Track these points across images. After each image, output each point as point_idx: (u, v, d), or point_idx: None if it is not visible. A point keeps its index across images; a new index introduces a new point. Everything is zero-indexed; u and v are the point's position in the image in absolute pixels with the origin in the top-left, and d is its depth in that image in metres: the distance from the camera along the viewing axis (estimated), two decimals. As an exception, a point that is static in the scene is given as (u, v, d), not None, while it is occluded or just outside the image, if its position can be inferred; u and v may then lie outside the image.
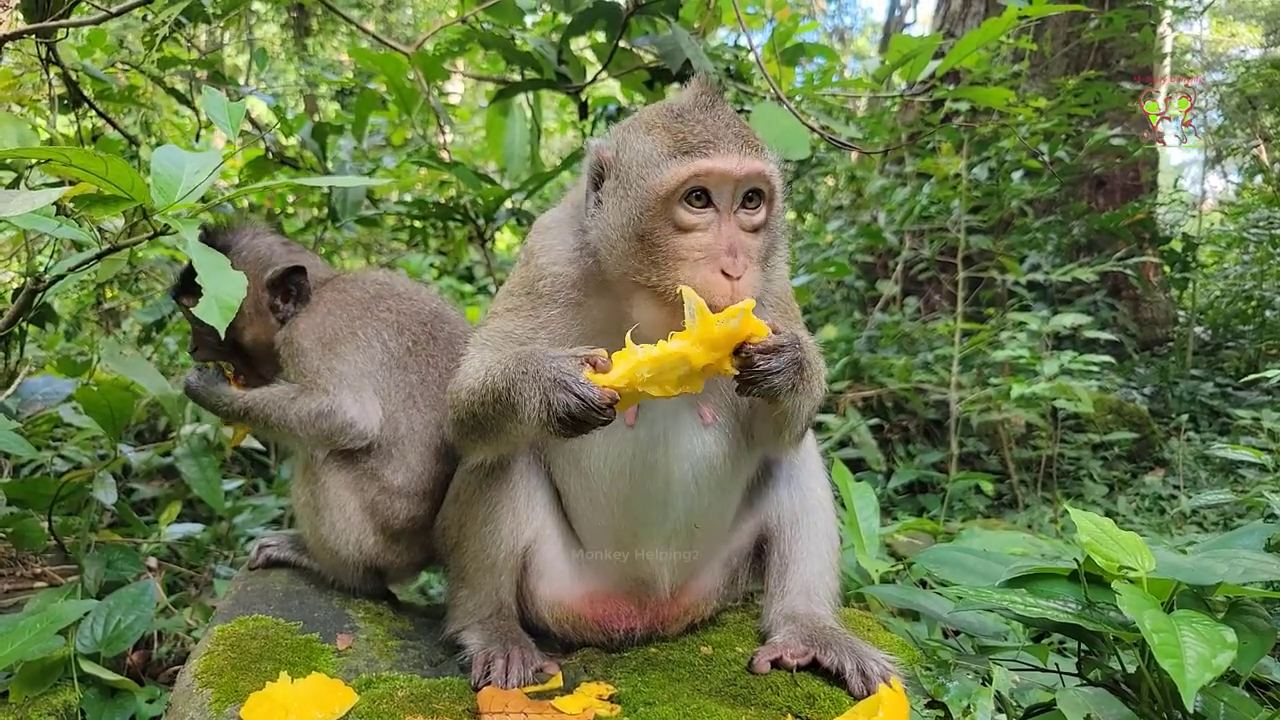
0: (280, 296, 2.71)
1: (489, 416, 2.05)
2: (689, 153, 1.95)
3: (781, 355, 1.88)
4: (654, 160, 1.98)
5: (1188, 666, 1.62)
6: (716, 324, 1.80)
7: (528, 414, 1.88)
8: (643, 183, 1.99)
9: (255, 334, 2.74)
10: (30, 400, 3.45)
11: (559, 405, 1.82)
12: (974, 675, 2.15)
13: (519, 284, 2.29)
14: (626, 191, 2.03)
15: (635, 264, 2.00)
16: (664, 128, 2.02)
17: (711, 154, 1.94)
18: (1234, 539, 2.43)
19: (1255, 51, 12.28)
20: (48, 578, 3.39)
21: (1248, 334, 9.21)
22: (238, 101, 2.26)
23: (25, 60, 3.90)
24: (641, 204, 1.98)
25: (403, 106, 4.65)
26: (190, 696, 2.05)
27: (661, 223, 1.97)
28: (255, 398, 2.62)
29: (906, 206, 7.45)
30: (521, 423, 1.94)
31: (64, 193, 2.03)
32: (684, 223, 1.96)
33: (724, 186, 1.96)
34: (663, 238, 1.97)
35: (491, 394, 2.01)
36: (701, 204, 1.97)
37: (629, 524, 2.27)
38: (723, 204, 1.97)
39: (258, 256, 2.74)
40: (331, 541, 2.57)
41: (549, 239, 2.29)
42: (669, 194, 1.94)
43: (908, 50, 3.64)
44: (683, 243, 1.96)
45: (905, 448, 7.05)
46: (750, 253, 1.98)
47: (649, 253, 1.98)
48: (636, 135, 2.06)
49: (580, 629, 2.39)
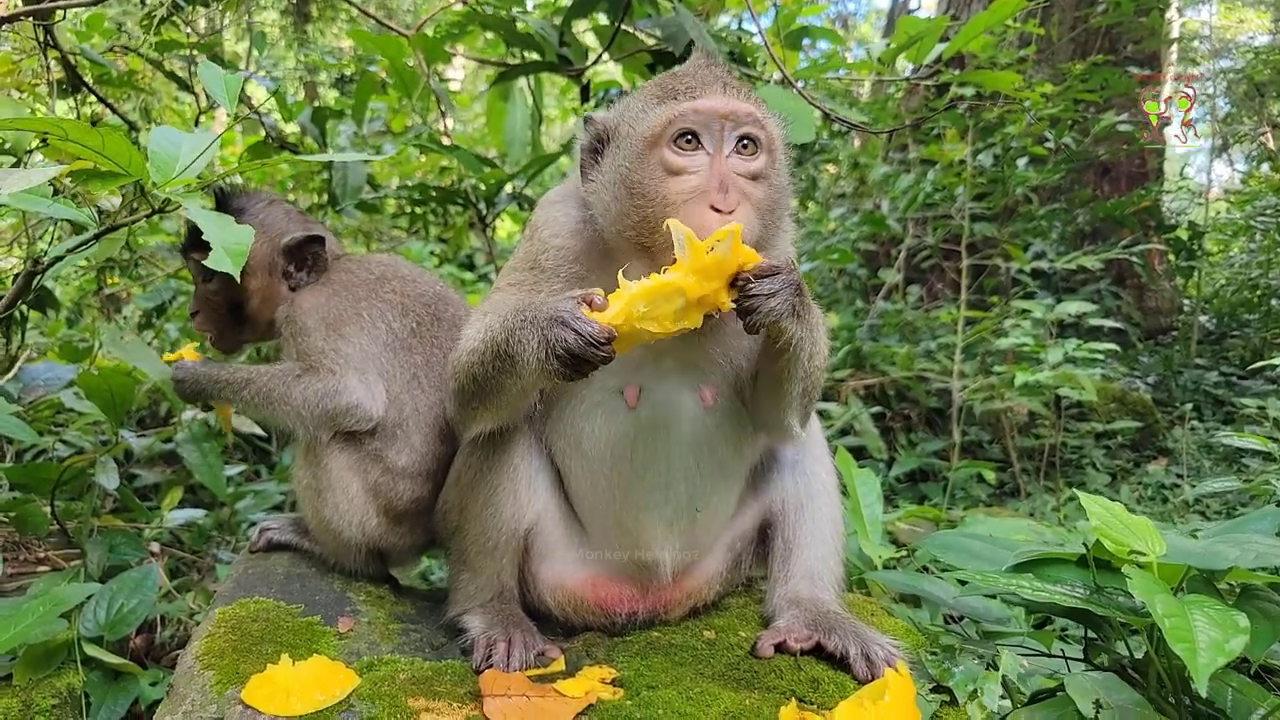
0: (295, 264, 2.72)
1: (488, 376, 2.04)
2: (675, 97, 1.99)
3: (777, 278, 1.85)
4: (642, 111, 2.03)
5: (1200, 651, 1.60)
6: (706, 250, 1.79)
7: (527, 359, 1.87)
8: (631, 132, 2.03)
9: (263, 298, 2.74)
10: (32, 386, 3.44)
11: (557, 342, 1.80)
12: (979, 660, 2.14)
13: (522, 259, 2.29)
14: (619, 147, 2.06)
15: (630, 220, 2.00)
16: (656, 84, 2.09)
17: (696, 96, 1.97)
18: (1245, 524, 2.40)
19: (1263, 38, 12.20)
20: (51, 562, 3.38)
21: (1253, 323, 9.18)
22: (239, 75, 2.24)
23: (24, 44, 3.88)
24: (631, 153, 2.01)
25: (403, 90, 4.62)
26: (192, 679, 2.04)
27: (651, 169, 1.98)
28: (257, 372, 2.60)
29: (910, 194, 7.41)
30: (521, 373, 1.93)
31: (61, 170, 2.01)
32: (672, 165, 1.97)
33: (711, 125, 1.97)
34: (653, 184, 1.97)
35: (491, 349, 2.01)
36: (691, 147, 1.98)
37: (630, 507, 2.25)
38: (712, 145, 1.98)
39: (274, 220, 2.76)
40: (334, 523, 2.56)
41: (553, 212, 2.30)
42: (655, 136, 1.97)
43: (914, 33, 3.60)
44: (672, 186, 1.97)
45: (907, 436, 7.03)
46: (746, 191, 1.98)
47: (640, 204, 1.98)
48: (631, 98, 2.13)
49: (582, 612, 2.38)
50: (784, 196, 2.15)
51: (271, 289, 2.73)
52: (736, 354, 2.23)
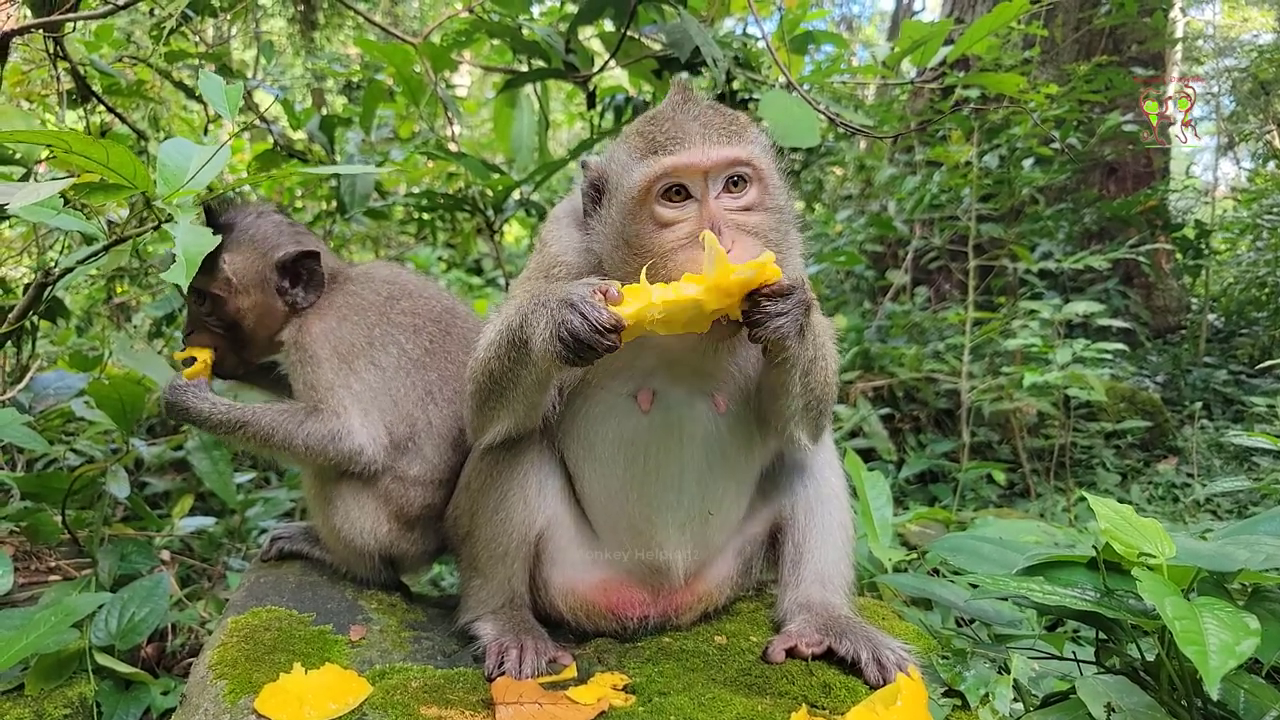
0: (290, 281, 2.62)
1: (504, 368, 2.06)
2: (655, 152, 2.00)
3: (790, 299, 1.89)
4: (627, 166, 2.05)
5: (1210, 654, 1.59)
6: (734, 273, 1.82)
7: (537, 343, 1.89)
8: (620, 189, 2.06)
9: (258, 317, 2.62)
10: (43, 395, 3.47)
11: (563, 324, 1.82)
12: (990, 664, 2.14)
13: (535, 268, 2.32)
14: (612, 201, 2.10)
15: (631, 267, 2.02)
16: (638, 133, 2.09)
17: (676, 150, 1.98)
18: (1255, 525, 2.39)
19: (1268, 36, 12.13)
20: (62, 571, 3.40)
21: (1261, 321, 9.14)
22: (240, 85, 2.25)
23: (33, 56, 3.91)
24: (623, 210, 2.05)
25: (410, 98, 4.64)
26: (205, 688, 2.05)
27: (644, 223, 2.02)
28: (255, 415, 2.49)
29: (916, 195, 7.40)
30: (532, 360, 1.95)
31: (69, 183, 2.02)
32: (664, 219, 2.01)
33: (695, 178, 1.99)
34: (647, 236, 2.02)
35: (506, 337, 2.03)
36: (681, 198, 2.01)
37: (643, 510, 2.26)
38: (699, 193, 2.00)
39: (264, 235, 2.64)
40: (345, 530, 2.56)
41: (558, 230, 2.34)
42: (642, 195, 2.00)
43: (919, 36, 3.59)
44: (666, 237, 2.00)
45: (916, 437, 7.01)
46: (741, 226, 2.00)
47: (639, 254, 2.02)
48: (618, 146, 2.14)
49: (594, 617, 2.39)
50: (784, 216, 2.16)
51: (267, 306, 2.62)
52: (746, 363, 2.24)
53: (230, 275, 2.57)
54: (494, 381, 2.11)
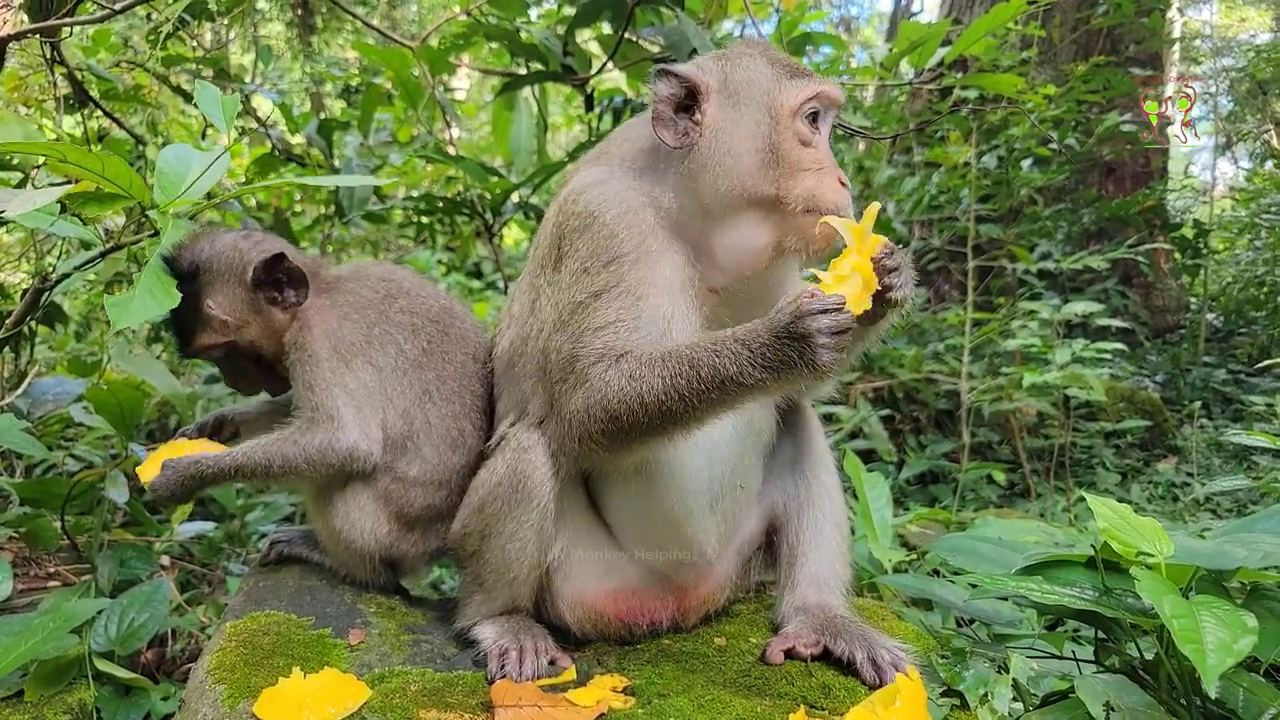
0: (274, 288, 2.61)
1: (705, 402, 1.89)
2: (804, 76, 2.14)
3: (898, 254, 2.03)
4: (778, 79, 2.13)
5: (1209, 652, 1.59)
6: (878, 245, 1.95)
7: (800, 369, 1.79)
8: (769, 99, 2.11)
9: (269, 334, 2.64)
10: (41, 400, 3.46)
11: (821, 330, 1.76)
12: (990, 663, 2.14)
13: (591, 256, 2.07)
14: (741, 108, 2.12)
15: (761, 178, 2.07)
16: (765, 58, 2.18)
17: (822, 81, 2.13)
18: (1253, 523, 2.39)
19: (1265, 36, 12.16)
20: (61, 577, 3.40)
21: (1260, 320, 9.15)
22: (236, 96, 2.25)
23: (31, 61, 3.91)
24: (767, 117, 2.10)
25: (408, 101, 4.64)
26: (203, 693, 2.05)
27: (789, 135, 2.09)
28: (247, 453, 2.47)
29: (915, 196, 7.41)
30: (772, 383, 1.84)
31: (66, 189, 2.02)
32: (805, 137, 2.11)
33: (830, 110, 2.17)
34: (790, 149, 2.09)
35: (708, 380, 1.85)
36: (813, 127, 2.14)
37: (679, 495, 2.20)
38: (825, 128, 2.16)
39: (228, 261, 2.60)
40: (345, 532, 2.55)
41: (607, 192, 2.15)
42: (793, 111, 2.09)
43: (916, 37, 3.60)
44: (807, 155, 2.09)
45: (916, 438, 7.01)
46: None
47: (777, 164, 2.08)
48: (746, 62, 2.18)
49: (601, 626, 2.36)
50: None
51: (269, 323, 2.64)
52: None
53: (223, 317, 2.59)
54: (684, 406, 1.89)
